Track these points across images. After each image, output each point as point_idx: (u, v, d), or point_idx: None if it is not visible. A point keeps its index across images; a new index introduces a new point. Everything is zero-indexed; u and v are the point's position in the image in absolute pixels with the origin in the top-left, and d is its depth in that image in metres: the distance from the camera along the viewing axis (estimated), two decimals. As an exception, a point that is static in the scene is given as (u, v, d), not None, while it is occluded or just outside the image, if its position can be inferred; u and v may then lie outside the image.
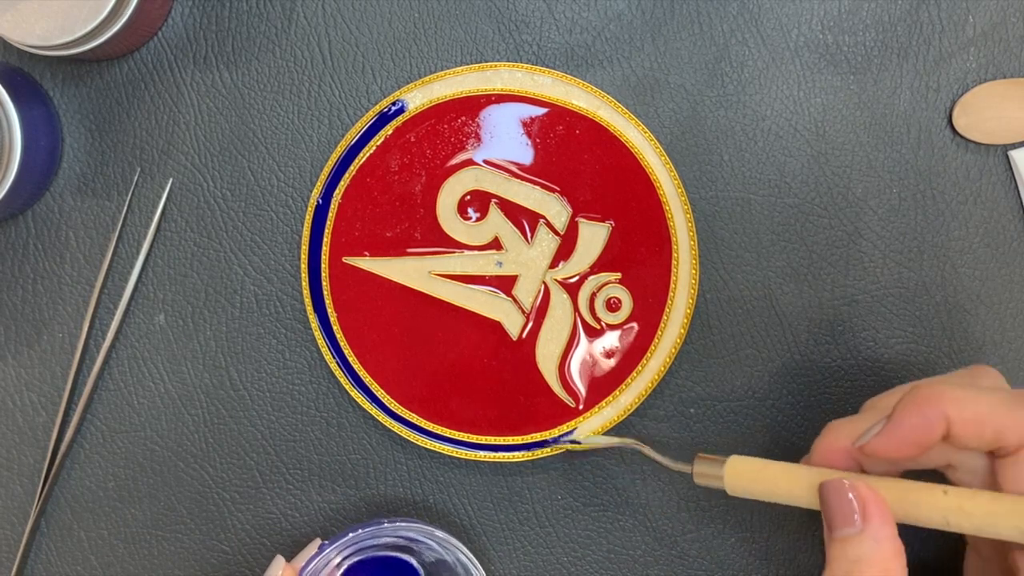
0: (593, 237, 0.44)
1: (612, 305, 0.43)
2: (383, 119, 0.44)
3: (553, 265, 0.44)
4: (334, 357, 0.44)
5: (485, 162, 0.44)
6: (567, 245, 0.44)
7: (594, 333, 0.43)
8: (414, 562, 0.41)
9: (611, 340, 0.43)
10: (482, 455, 0.43)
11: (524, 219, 0.44)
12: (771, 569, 0.44)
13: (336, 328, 0.43)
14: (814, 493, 0.33)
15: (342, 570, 0.40)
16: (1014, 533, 0.30)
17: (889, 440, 0.32)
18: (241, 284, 0.44)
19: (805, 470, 0.34)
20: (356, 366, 0.43)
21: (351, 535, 0.39)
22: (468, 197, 0.44)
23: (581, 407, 0.43)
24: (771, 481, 0.34)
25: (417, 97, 0.44)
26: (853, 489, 0.32)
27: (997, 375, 0.36)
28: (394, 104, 0.44)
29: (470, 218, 0.44)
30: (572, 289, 0.44)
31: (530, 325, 0.44)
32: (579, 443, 0.42)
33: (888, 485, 0.32)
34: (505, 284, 0.44)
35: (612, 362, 0.43)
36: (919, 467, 0.35)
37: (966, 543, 0.38)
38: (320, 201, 0.44)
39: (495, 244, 0.44)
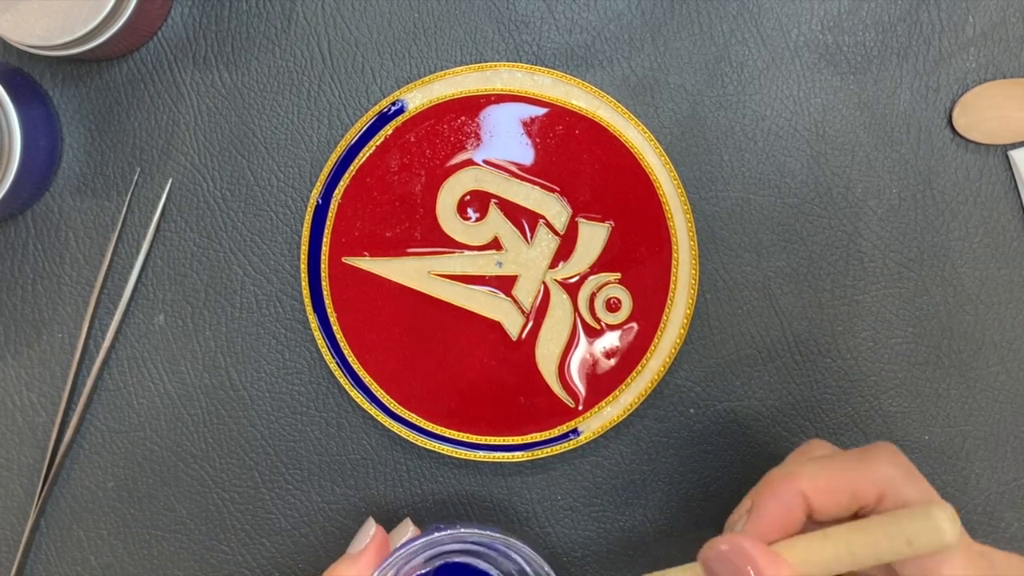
0: (593, 237, 0.43)
1: (612, 305, 0.43)
2: (383, 119, 0.44)
3: (553, 265, 0.44)
4: (334, 357, 0.44)
5: (485, 162, 0.44)
6: (567, 245, 0.44)
7: (594, 333, 0.43)
8: (494, 572, 0.40)
9: (611, 340, 0.43)
10: (481, 455, 0.43)
11: (524, 219, 0.44)
12: (771, 569, 0.44)
13: (336, 328, 0.43)
14: None
15: (433, 567, 0.39)
16: (899, 549, 0.29)
17: (755, 532, 0.31)
18: (241, 284, 0.44)
19: (690, 569, 0.33)
20: (356, 366, 0.43)
21: (460, 531, 0.38)
22: (468, 197, 0.44)
23: (581, 407, 0.43)
24: None
25: (417, 97, 0.44)
26: (729, 544, 0.31)
27: (827, 444, 0.36)
28: (394, 104, 0.44)
29: (470, 218, 0.44)
30: (572, 289, 0.44)
31: (530, 325, 0.44)
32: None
33: (778, 548, 0.31)
34: (505, 284, 0.44)
35: (612, 362, 0.43)
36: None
37: None
38: (320, 201, 0.44)
39: (495, 244, 0.44)
